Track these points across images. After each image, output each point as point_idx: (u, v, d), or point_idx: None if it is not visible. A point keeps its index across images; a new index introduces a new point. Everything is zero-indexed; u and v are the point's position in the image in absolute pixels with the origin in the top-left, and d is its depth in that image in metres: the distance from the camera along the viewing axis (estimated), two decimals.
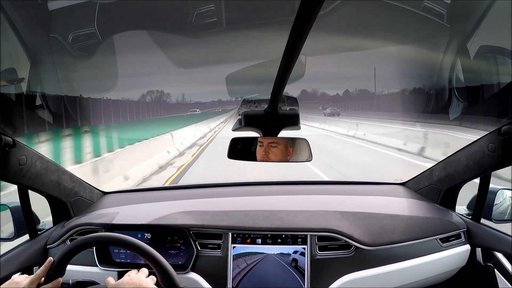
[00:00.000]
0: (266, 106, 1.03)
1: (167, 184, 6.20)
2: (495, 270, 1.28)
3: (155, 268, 0.93)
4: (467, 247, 1.35)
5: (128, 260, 1.33)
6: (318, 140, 12.64)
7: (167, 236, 1.35)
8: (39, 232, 1.38)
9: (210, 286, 1.28)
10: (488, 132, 1.11)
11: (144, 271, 0.99)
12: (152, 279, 0.96)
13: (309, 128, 19.06)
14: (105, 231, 1.34)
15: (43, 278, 0.91)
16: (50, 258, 0.92)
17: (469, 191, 1.45)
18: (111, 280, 0.95)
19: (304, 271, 1.26)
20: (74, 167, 5.68)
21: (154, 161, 8.29)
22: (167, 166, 8.59)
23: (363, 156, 9.65)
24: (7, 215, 1.33)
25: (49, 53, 1.25)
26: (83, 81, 1.52)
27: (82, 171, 5.28)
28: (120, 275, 1.30)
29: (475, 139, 1.18)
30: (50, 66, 1.29)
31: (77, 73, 1.43)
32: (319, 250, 1.29)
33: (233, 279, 1.27)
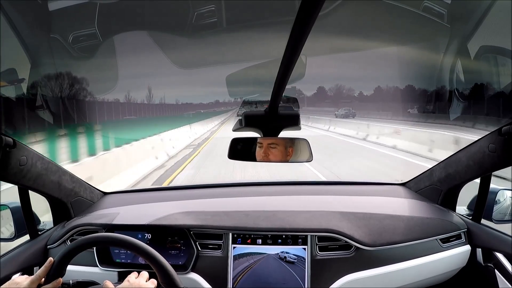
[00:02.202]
0: (267, 107, 1.03)
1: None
2: (496, 270, 1.28)
3: (155, 268, 0.93)
4: (467, 247, 1.35)
5: (129, 261, 1.33)
6: None
7: (167, 237, 1.35)
8: (39, 233, 1.38)
9: (210, 287, 1.28)
10: (488, 133, 1.11)
11: (144, 275, 0.97)
12: (153, 282, 0.95)
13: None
14: (105, 232, 1.34)
15: (43, 279, 0.91)
16: (51, 259, 0.92)
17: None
18: (109, 284, 0.93)
19: (305, 272, 1.26)
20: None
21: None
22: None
23: None
24: (7, 215, 1.33)
25: (49, 54, 1.25)
26: (84, 81, 1.52)
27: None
28: (121, 275, 1.30)
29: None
30: (51, 67, 1.29)
31: (78, 74, 1.43)
32: (320, 251, 1.29)
33: (233, 280, 1.27)
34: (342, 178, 6.49)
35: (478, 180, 1.30)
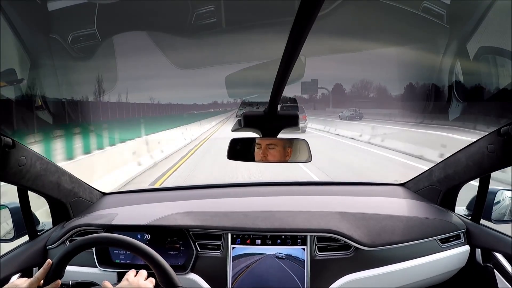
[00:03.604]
0: (266, 107, 1.03)
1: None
2: (495, 270, 1.28)
3: (154, 269, 0.93)
4: (466, 247, 1.35)
5: (128, 261, 1.33)
6: None
7: (166, 237, 1.34)
8: (38, 233, 1.38)
9: (209, 287, 1.28)
10: (488, 133, 1.11)
11: (143, 273, 0.97)
12: (151, 281, 0.95)
13: None
14: (104, 232, 1.34)
15: (42, 281, 0.91)
16: (49, 260, 0.92)
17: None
18: (107, 284, 0.93)
19: (304, 272, 1.26)
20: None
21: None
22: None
23: None
24: (6, 215, 1.33)
25: (48, 54, 1.24)
26: (83, 81, 1.52)
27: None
28: (120, 276, 1.30)
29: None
30: (50, 67, 1.28)
31: (77, 74, 1.43)
32: (319, 251, 1.29)
33: (232, 280, 1.27)
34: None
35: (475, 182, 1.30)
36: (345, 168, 7.83)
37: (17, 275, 1.23)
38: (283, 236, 1.30)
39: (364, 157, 9.27)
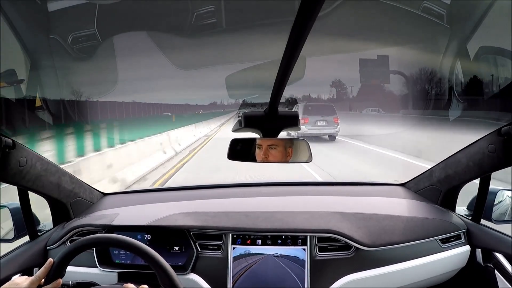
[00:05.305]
0: (266, 107, 1.03)
1: None
2: (495, 270, 1.28)
3: (155, 269, 0.93)
4: (467, 248, 1.35)
5: (128, 261, 1.33)
6: None
7: (167, 237, 1.34)
8: (39, 234, 1.38)
9: (210, 287, 1.28)
10: (488, 133, 1.11)
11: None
12: None
13: None
14: (105, 232, 1.34)
15: (43, 279, 0.91)
16: (50, 259, 0.92)
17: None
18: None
19: (304, 272, 1.26)
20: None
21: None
22: None
23: None
24: (7, 216, 1.33)
25: (48, 54, 1.25)
26: (84, 82, 1.52)
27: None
28: (120, 276, 1.30)
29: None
30: (50, 68, 1.29)
31: (77, 75, 1.43)
32: (319, 251, 1.29)
33: (233, 280, 1.27)
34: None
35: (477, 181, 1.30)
36: None
37: (17, 275, 1.23)
38: (283, 236, 1.30)
39: None
